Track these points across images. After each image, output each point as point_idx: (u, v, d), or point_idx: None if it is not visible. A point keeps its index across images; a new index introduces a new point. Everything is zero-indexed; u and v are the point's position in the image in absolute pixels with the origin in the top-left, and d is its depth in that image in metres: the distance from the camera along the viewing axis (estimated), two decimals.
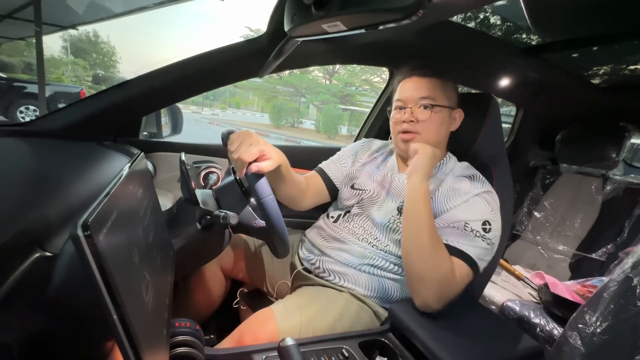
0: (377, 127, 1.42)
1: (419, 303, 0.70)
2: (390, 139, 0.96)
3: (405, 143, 0.85)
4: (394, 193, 0.87)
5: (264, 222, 0.70)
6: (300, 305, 0.74)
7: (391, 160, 0.95)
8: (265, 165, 0.67)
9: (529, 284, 1.36)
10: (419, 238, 0.69)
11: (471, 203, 0.76)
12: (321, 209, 1.03)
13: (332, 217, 0.94)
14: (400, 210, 0.83)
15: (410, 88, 0.85)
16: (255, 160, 0.66)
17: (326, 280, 0.84)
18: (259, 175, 0.65)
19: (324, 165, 1.03)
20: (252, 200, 0.75)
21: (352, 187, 0.94)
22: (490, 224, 0.75)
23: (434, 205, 0.79)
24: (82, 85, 10.78)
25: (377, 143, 1.03)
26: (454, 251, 0.71)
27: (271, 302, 0.80)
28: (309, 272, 0.88)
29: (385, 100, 1.38)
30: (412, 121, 0.83)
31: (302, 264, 0.91)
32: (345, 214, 0.92)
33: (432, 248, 0.68)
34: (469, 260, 0.71)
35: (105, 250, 0.27)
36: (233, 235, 0.92)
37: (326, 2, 0.50)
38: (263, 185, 0.64)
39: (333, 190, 0.99)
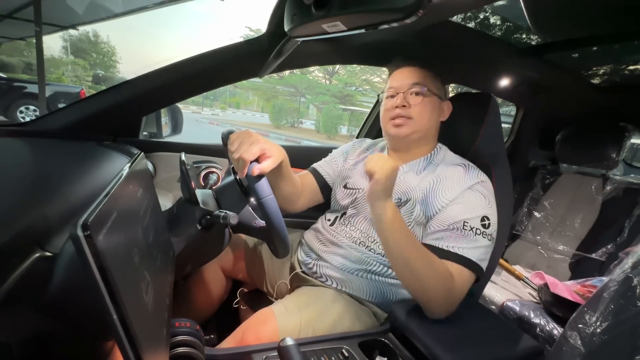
0: (377, 127, 1.41)
1: (429, 316, 0.69)
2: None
3: (397, 128, 0.84)
4: None
5: (264, 222, 0.70)
6: (300, 305, 0.74)
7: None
8: (267, 166, 0.66)
9: (529, 284, 1.36)
10: (409, 266, 0.65)
11: (467, 198, 0.75)
12: (320, 209, 1.03)
13: (329, 219, 0.94)
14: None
15: (402, 76, 0.86)
16: (257, 160, 0.66)
17: (325, 285, 0.84)
18: (259, 175, 0.65)
19: (316, 165, 1.03)
20: (252, 200, 0.75)
21: (345, 186, 0.93)
22: (488, 219, 0.74)
23: (429, 200, 0.78)
24: (82, 85, 10.77)
25: (368, 142, 1.04)
26: (453, 257, 0.69)
27: (271, 302, 0.80)
28: (308, 274, 0.88)
29: None
30: (404, 106, 0.83)
31: (300, 267, 0.91)
32: (341, 216, 0.91)
33: (425, 268, 0.65)
34: (469, 264, 0.70)
35: (105, 250, 0.27)
36: (233, 235, 0.92)
37: (326, 2, 0.50)
38: (263, 185, 0.64)
39: (326, 189, 0.99)
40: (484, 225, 0.72)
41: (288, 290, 0.92)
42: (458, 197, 0.75)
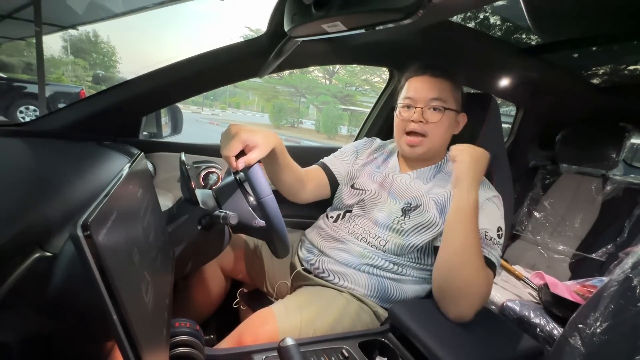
0: (378, 127, 1.42)
1: (454, 316, 0.69)
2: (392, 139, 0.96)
3: (411, 148, 0.85)
4: (396, 194, 0.87)
5: (264, 222, 0.70)
6: (301, 305, 0.74)
7: (392, 160, 0.95)
8: (252, 157, 0.64)
9: (529, 284, 1.36)
10: (467, 257, 0.66)
11: (485, 209, 0.76)
12: (321, 209, 1.02)
13: (332, 217, 0.94)
14: (404, 212, 0.83)
15: (422, 87, 0.84)
16: (243, 153, 0.65)
17: (326, 281, 0.84)
18: (256, 172, 0.64)
19: (326, 160, 1.02)
20: (252, 200, 0.75)
21: (352, 186, 0.93)
22: (501, 229, 0.76)
23: (448, 208, 0.77)
24: (82, 85, 10.76)
25: (378, 142, 1.03)
26: (485, 261, 0.71)
27: (271, 302, 0.80)
28: (309, 272, 0.88)
29: (385, 101, 1.38)
30: (420, 122, 0.82)
31: (301, 264, 0.91)
32: (345, 214, 0.92)
33: (479, 265, 0.67)
34: (493, 267, 0.72)
35: (105, 250, 0.27)
36: (233, 235, 0.92)
37: (326, 2, 0.50)
38: (263, 185, 0.64)
39: (334, 186, 0.99)
40: (499, 235, 0.75)
41: (289, 291, 0.92)
42: (479, 208, 0.76)
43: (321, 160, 1.03)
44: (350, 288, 0.81)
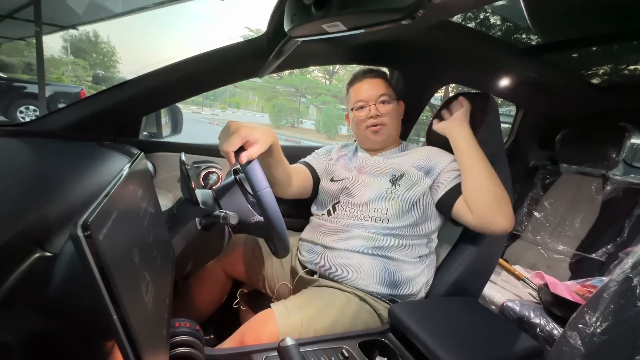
0: None
1: (506, 225, 0.79)
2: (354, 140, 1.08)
3: (376, 134, 0.96)
4: (378, 173, 0.93)
5: (262, 217, 0.70)
6: (301, 305, 0.75)
7: (360, 152, 1.04)
8: (253, 152, 0.65)
9: (529, 284, 1.36)
10: (489, 170, 0.82)
11: (455, 163, 0.90)
12: (309, 207, 1.03)
13: (324, 214, 0.95)
14: (393, 182, 0.89)
15: (368, 88, 0.96)
16: (242, 149, 0.65)
17: (331, 278, 0.84)
18: (254, 166, 0.64)
19: (308, 159, 1.07)
20: (252, 198, 0.75)
21: (332, 179, 0.98)
22: None
23: (429, 165, 0.90)
24: (82, 85, 10.75)
25: (342, 143, 1.14)
26: None
27: (271, 302, 0.80)
28: (312, 273, 0.89)
29: None
30: (377, 116, 0.95)
31: (303, 267, 0.91)
32: (334, 207, 0.94)
33: (495, 174, 0.83)
34: None
35: (105, 250, 0.27)
36: (233, 235, 0.92)
37: (326, 2, 0.50)
38: (260, 178, 0.64)
39: (317, 182, 1.03)
40: None
41: (290, 292, 0.92)
42: (452, 161, 0.90)
43: (302, 159, 1.07)
44: (354, 280, 0.82)
